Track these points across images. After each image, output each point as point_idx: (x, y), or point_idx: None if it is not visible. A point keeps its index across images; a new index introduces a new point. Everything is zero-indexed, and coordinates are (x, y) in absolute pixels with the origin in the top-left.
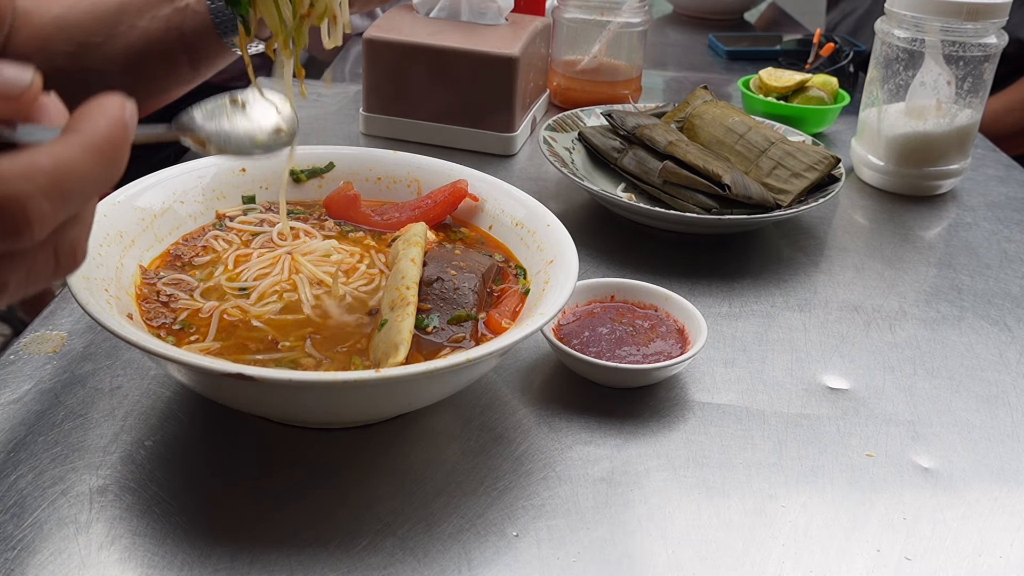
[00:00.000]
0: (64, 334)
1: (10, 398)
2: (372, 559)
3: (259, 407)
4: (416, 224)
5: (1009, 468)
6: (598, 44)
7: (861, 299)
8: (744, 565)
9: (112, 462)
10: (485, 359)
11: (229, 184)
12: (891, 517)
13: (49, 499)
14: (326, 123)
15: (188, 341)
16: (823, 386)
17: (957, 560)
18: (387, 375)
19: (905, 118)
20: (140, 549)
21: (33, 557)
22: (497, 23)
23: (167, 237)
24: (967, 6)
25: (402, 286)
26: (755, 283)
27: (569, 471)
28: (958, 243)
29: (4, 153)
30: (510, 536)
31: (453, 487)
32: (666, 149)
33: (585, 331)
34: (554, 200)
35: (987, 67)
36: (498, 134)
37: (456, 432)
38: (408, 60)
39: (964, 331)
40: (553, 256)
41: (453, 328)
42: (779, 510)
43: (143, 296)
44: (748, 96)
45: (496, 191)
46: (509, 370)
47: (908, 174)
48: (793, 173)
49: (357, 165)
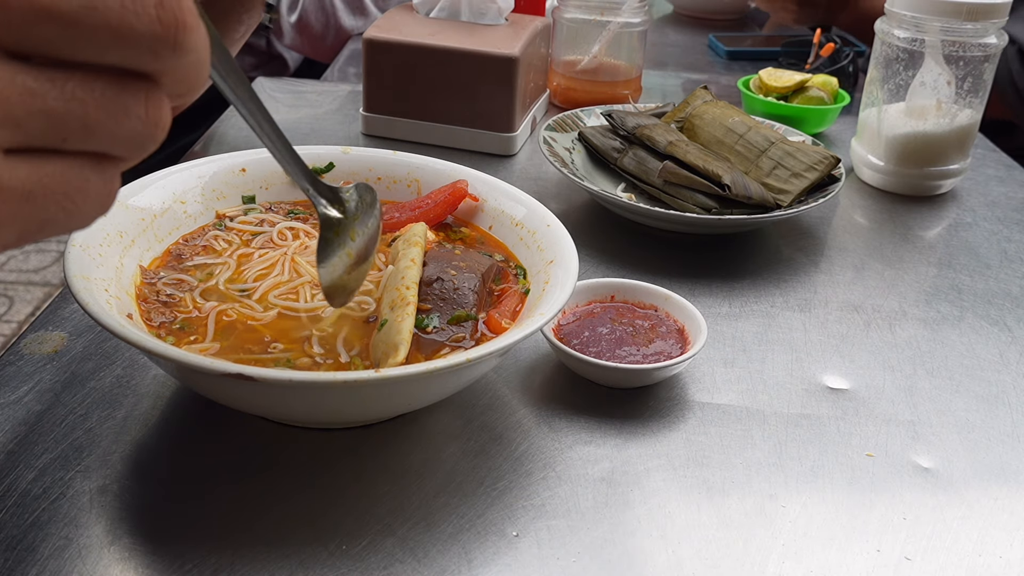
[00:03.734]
0: (64, 334)
1: (10, 398)
2: (372, 559)
3: (259, 407)
4: (416, 224)
5: (1009, 468)
6: (598, 44)
7: (861, 299)
8: (744, 565)
9: (112, 462)
10: (485, 359)
11: (229, 184)
12: (891, 517)
13: (49, 499)
14: (326, 123)
15: (188, 341)
16: (823, 386)
17: (957, 560)
18: (387, 375)
19: (905, 118)
20: (140, 549)
21: (33, 557)
22: (497, 23)
23: (167, 237)
24: (967, 6)
25: (402, 286)
26: (755, 283)
27: (569, 471)
28: (958, 243)
29: None
30: (510, 536)
31: (453, 487)
32: (666, 149)
33: (585, 331)
34: (554, 200)
35: (987, 67)
36: (498, 134)
37: (456, 432)
38: (408, 60)
39: (964, 331)
40: (553, 256)
41: (453, 328)
42: (779, 510)
43: (143, 296)
44: (748, 96)
45: (496, 191)
46: (509, 370)
47: (908, 174)
48: (793, 173)
49: (357, 165)
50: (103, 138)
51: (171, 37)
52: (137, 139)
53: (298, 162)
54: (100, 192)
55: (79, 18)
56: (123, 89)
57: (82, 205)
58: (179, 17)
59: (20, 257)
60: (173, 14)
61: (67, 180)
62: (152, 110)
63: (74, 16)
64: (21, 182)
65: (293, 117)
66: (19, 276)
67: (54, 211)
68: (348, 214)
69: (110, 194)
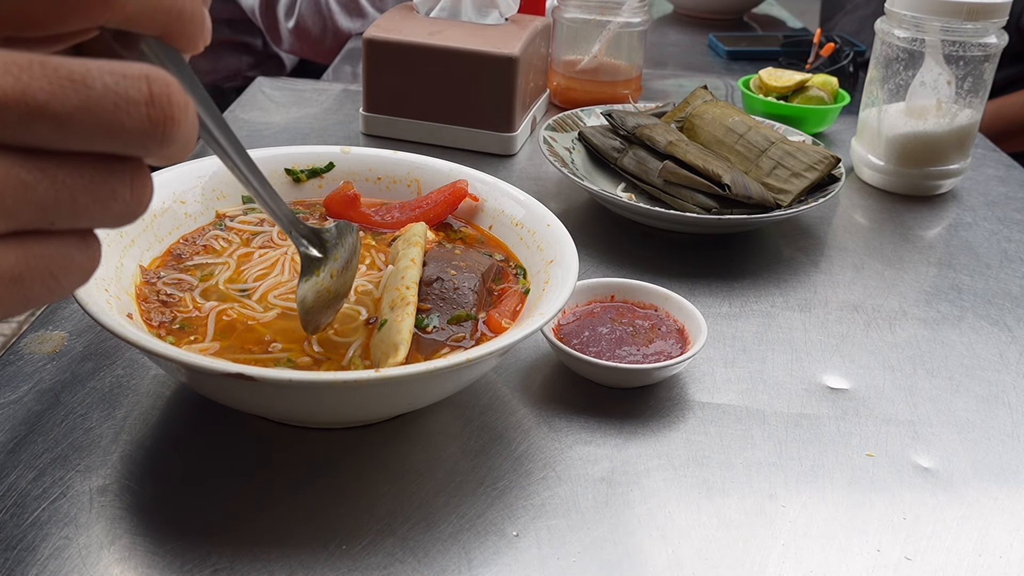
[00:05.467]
0: (64, 334)
1: (10, 398)
2: (372, 559)
3: (259, 407)
4: (416, 224)
5: (1009, 468)
6: (598, 44)
7: (861, 299)
8: (744, 565)
9: (112, 462)
10: (485, 359)
11: (229, 184)
12: (891, 517)
13: (49, 499)
14: (326, 123)
15: (188, 341)
16: (823, 386)
17: (957, 560)
18: (387, 375)
19: (905, 118)
20: (140, 549)
21: (33, 557)
22: (497, 23)
23: (167, 237)
24: (967, 6)
25: (402, 286)
26: (755, 283)
27: (569, 471)
28: (958, 243)
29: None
30: (510, 536)
31: (453, 487)
32: (666, 149)
33: (585, 331)
34: (554, 200)
35: (987, 67)
36: (498, 134)
37: (456, 432)
38: (408, 60)
39: (964, 331)
40: (553, 256)
41: (453, 328)
42: (779, 510)
43: (143, 296)
44: (748, 96)
45: (496, 191)
46: (509, 370)
47: (908, 174)
48: (793, 173)
49: (357, 165)
50: (90, 219)
51: (160, 132)
52: (122, 217)
53: (280, 205)
54: (83, 267)
55: (73, 119)
56: (111, 174)
57: (65, 281)
58: (168, 114)
59: None
60: (163, 112)
61: (53, 260)
62: (137, 190)
63: (68, 117)
64: (11, 267)
65: (292, 117)
66: None
67: (39, 290)
68: (328, 254)
69: (92, 267)
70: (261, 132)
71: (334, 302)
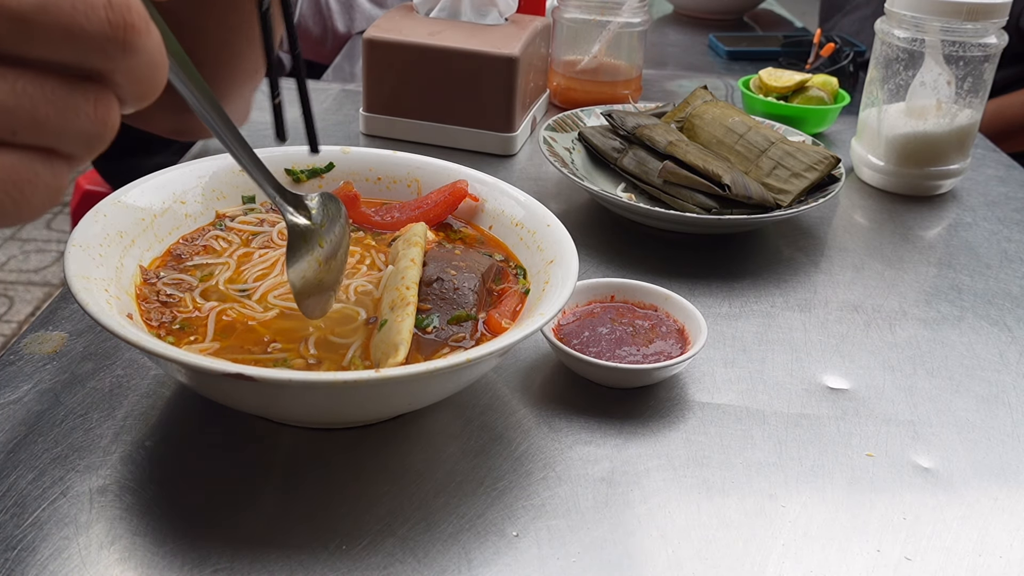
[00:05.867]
0: (64, 334)
1: (10, 398)
2: (372, 559)
3: (259, 407)
4: (416, 224)
5: (1009, 468)
6: (598, 44)
7: (861, 299)
8: (744, 565)
9: (112, 462)
10: (485, 359)
11: (229, 184)
12: (891, 517)
13: (49, 499)
14: (326, 123)
15: (188, 341)
16: (823, 386)
17: (957, 560)
18: (387, 375)
19: (905, 118)
20: (140, 549)
21: (33, 557)
22: (497, 23)
23: (167, 237)
24: (967, 6)
25: (402, 286)
26: (755, 283)
27: (569, 471)
28: (958, 243)
29: None
30: (510, 536)
31: (453, 487)
32: (666, 149)
33: (585, 331)
34: (554, 200)
35: (987, 67)
36: (498, 134)
37: (456, 432)
38: (408, 60)
39: (964, 331)
40: (553, 256)
41: (453, 328)
42: (779, 510)
43: (143, 296)
44: (748, 96)
45: (496, 191)
46: (509, 370)
47: (908, 174)
48: (793, 173)
49: (357, 165)
50: (52, 134)
51: (120, 37)
52: (85, 136)
53: (262, 170)
54: (48, 185)
55: (30, 17)
56: (73, 89)
57: (31, 197)
58: (127, 19)
59: (20, 257)
60: (122, 15)
61: (16, 171)
62: (101, 109)
63: (25, 15)
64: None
65: (292, 117)
66: (19, 276)
67: (3, 199)
68: (314, 221)
69: (59, 188)
70: (261, 132)
71: (328, 272)
